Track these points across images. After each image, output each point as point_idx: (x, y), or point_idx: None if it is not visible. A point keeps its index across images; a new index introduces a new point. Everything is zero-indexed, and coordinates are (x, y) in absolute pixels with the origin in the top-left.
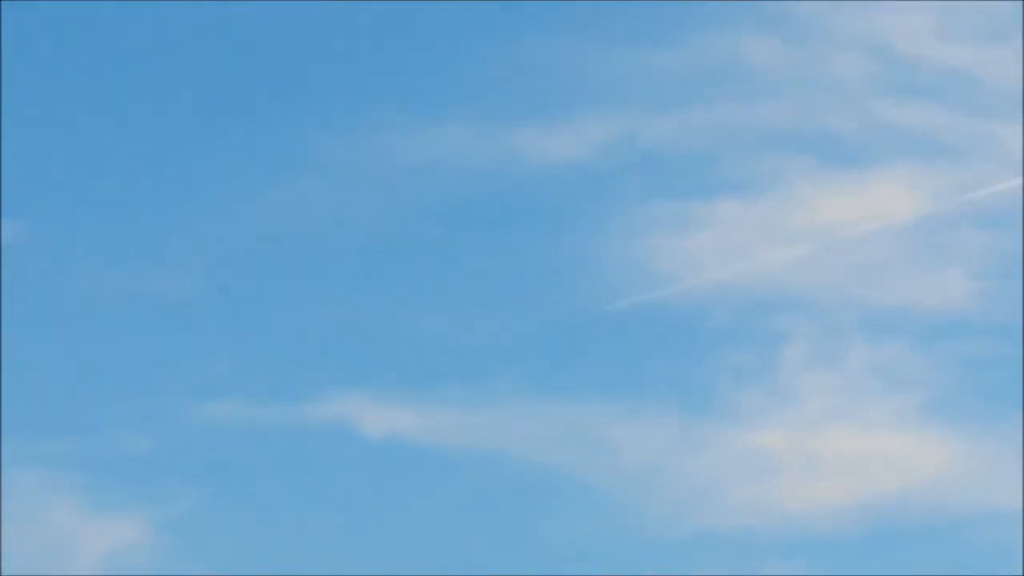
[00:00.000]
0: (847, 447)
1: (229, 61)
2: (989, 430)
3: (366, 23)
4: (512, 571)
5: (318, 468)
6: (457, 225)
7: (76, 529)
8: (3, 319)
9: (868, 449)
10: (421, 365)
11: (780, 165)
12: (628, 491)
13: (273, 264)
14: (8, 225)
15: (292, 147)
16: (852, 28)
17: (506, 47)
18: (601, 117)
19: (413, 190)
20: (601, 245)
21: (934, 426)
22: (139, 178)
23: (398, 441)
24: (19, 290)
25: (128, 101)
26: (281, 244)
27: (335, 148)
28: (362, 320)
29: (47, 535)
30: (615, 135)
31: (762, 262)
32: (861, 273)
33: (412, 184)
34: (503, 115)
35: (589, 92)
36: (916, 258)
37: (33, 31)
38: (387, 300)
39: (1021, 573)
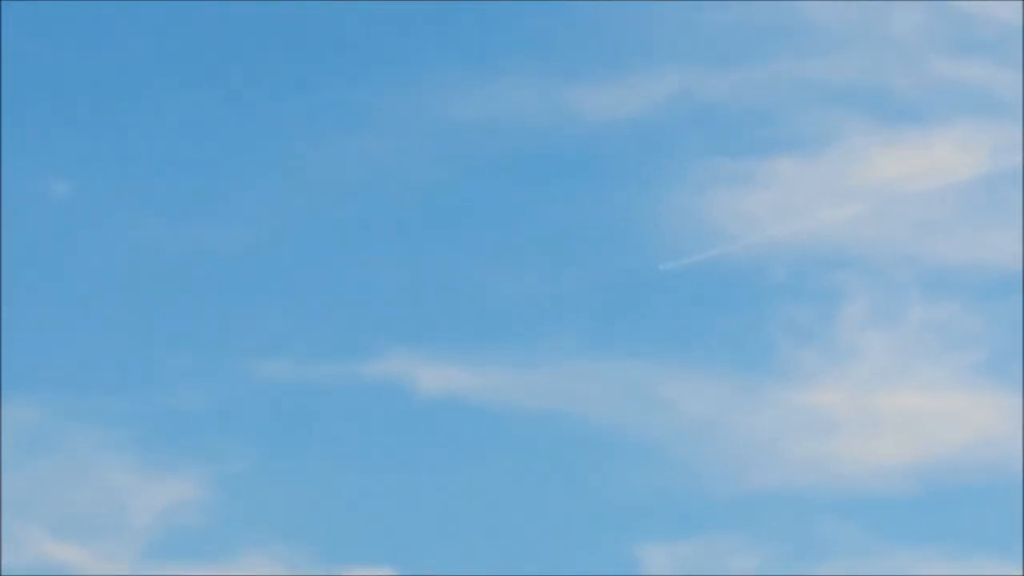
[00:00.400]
0: (904, 405)
1: (287, 17)
2: None
3: None
4: (568, 528)
5: (373, 426)
6: (514, 181)
7: (131, 486)
8: (58, 276)
9: (925, 408)
10: (476, 323)
11: (839, 122)
12: (685, 449)
13: (329, 221)
14: (59, 183)
15: (349, 103)
16: None
17: (561, 3)
18: (659, 73)
19: (469, 146)
20: (658, 202)
21: (991, 385)
22: (194, 135)
23: (453, 399)
24: (73, 247)
25: (188, 58)
26: (337, 200)
27: (392, 104)
28: (417, 277)
29: (102, 492)
30: (673, 91)
31: (820, 219)
32: (919, 231)
33: (468, 140)
34: (560, 71)
35: (646, 48)
36: (974, 216)
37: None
38: (443, 257)
39: None
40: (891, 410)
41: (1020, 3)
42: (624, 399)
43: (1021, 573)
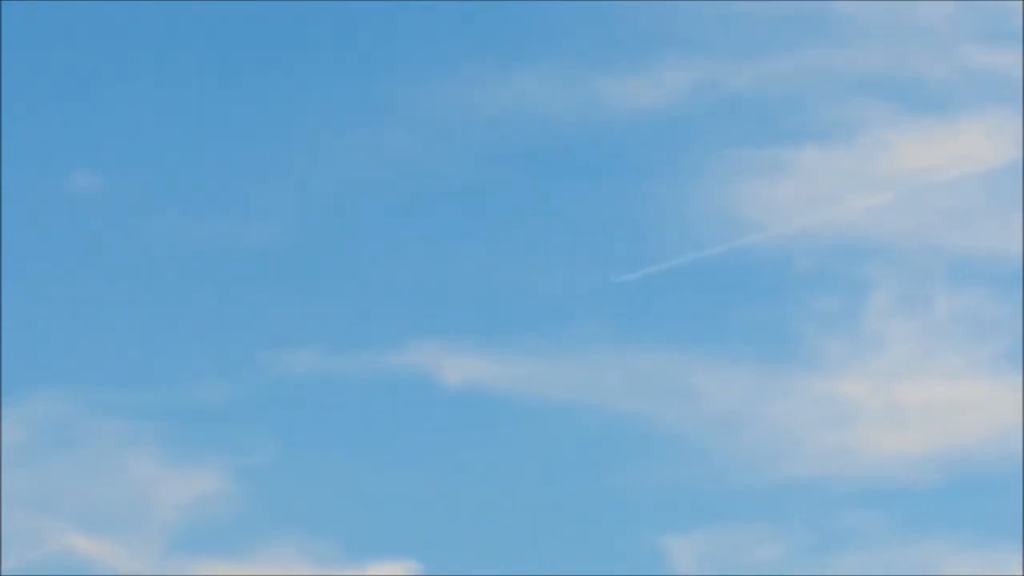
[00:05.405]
0: (929, 395)
1: (310, 10)
2: None
3: None
4: (592, 519)
5: (396, 418)
6: (539, 173)
7: (155, 480)
8: (81, 271)
9: (950, 397)
10: (501, 314)
11: (866, 111)
12: (711, 439)
13: (353, 213)
14: (82, 177)
15: (373, 96)
16: None
17: None
18: (685, 64)
19: (495, 139)
20: (685, 192)
21: (1016, 374)
22: (217, 127)
23: (477, 391)
24: (96, 241)
25: (211, 52)
26: (361, 193)
27: (416, 97)
28: (441, 269)
29: (126, 486)
30: (699, 82)
31: (847, 209)
32: (946, 220)
33: (494, 133)
34: (585, 63)
35: (672, 39)
36: (1001, 205)
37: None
38: (467, 248)
39: None
40: (916, 400)
41: None
42: (649, 390)
43: None
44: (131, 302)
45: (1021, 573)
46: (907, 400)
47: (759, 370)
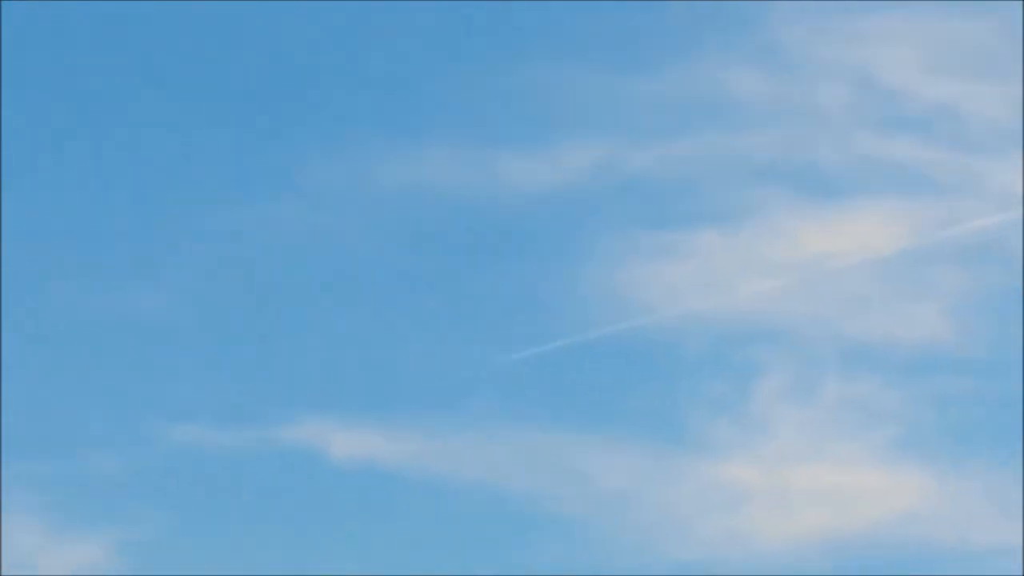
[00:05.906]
0: (819, 481)
1: (210, 82)
2: (962, 467)
3: (348, 46)
4: None
5: (285, 493)
6: (435, 250)
7: (38, 551)
8: None
9: (840, 484)
10: (392, 390)
11: (762, 196)
12: (599, 521)
13: (247, 286)
14: None
15: (273, 168)
16: (837, 59)
17: (489, 72)
18: (583, 144)
19: (393, 214)
20: (580, 273)
21: (907, 462)
22: (115, 197)
23: (367, 466)
24: None
25: (102, 121)
26: (257, 266)
27: (316, 169)
28: (335, 343)
29: (8, 557)
30: (597, 162)
31: (740, 293)
32: (839, 306)
33: (392, 208)
34: (485, 140)
35: (571, 118)
36: (895, 292)
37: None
38: (361, 323)
39: None
40: (805, 485)
41: (946, 81)
42: (538, 469)
43: None
44: (18, 372)
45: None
46: (796, 485)
47: (648, 452)
